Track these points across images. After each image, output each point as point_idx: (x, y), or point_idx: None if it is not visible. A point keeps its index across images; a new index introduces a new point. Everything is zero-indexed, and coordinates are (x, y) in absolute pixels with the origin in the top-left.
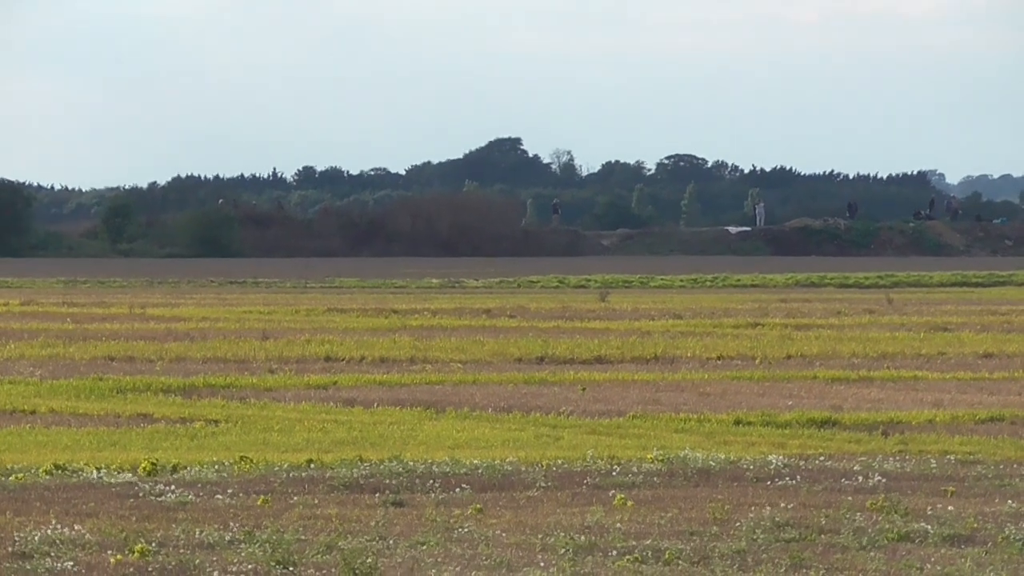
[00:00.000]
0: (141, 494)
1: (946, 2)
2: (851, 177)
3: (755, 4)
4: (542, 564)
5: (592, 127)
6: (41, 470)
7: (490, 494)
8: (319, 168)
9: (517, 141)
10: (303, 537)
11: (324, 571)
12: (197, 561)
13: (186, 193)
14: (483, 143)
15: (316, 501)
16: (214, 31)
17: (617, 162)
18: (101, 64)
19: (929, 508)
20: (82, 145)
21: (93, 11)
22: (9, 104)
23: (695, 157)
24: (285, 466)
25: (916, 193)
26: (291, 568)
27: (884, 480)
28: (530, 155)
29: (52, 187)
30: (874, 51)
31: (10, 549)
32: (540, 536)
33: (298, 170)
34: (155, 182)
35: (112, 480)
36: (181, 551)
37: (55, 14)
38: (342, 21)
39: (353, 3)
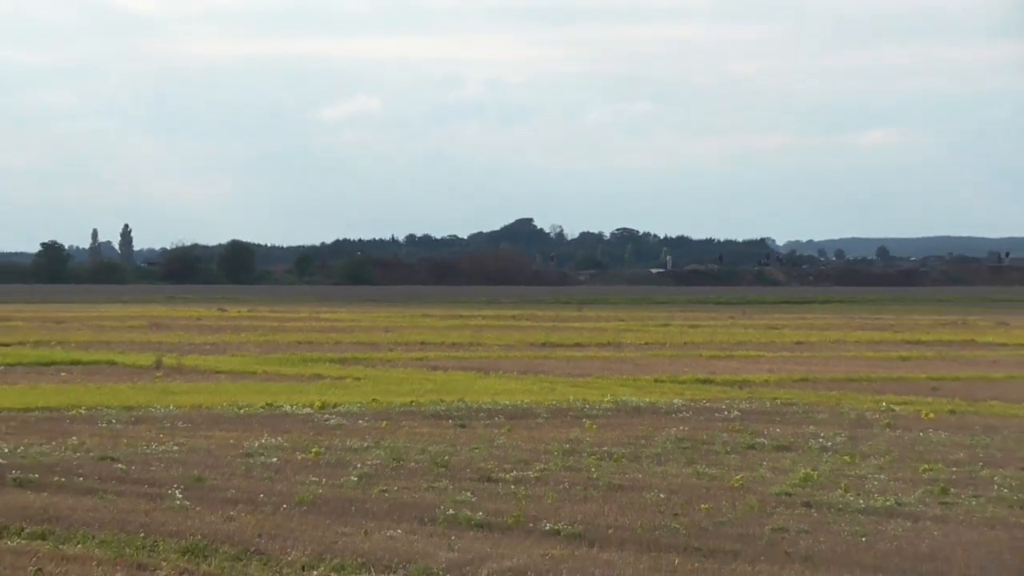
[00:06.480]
0: (316, 420)
1: (789, 139)
2: (721, 240)
3: (672, 141)
4: (545, 459)
5: (576, 211)
6: (258, 406)
7: (515, 421)
8: (418, 234)
9: (531, 220)
10: (408, 445)
11: (420, 464)
12: (348, 458)
13: (341, 248)
14: (511, 220)
15: (415, 424)
16: (356, 146)
17: (589, 232)
18: (296, 166)
19: (765, 430)
20: (282, 217)
21: (295, 125)
22: (234, 190)
23: (633, 229)
24: (398, 404)
25: (759, 250)
26: (400, 462)
27: (740, 414)
28: (538, 227)
29: (266, 244)
30: (740, 162)
31: (241, 451)
32: (543, 444)
33: (406, 235)
34: (324, 242)
35: (299, 412)
36: (338, 452)
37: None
38: (429, 146)
39: (437, 133)
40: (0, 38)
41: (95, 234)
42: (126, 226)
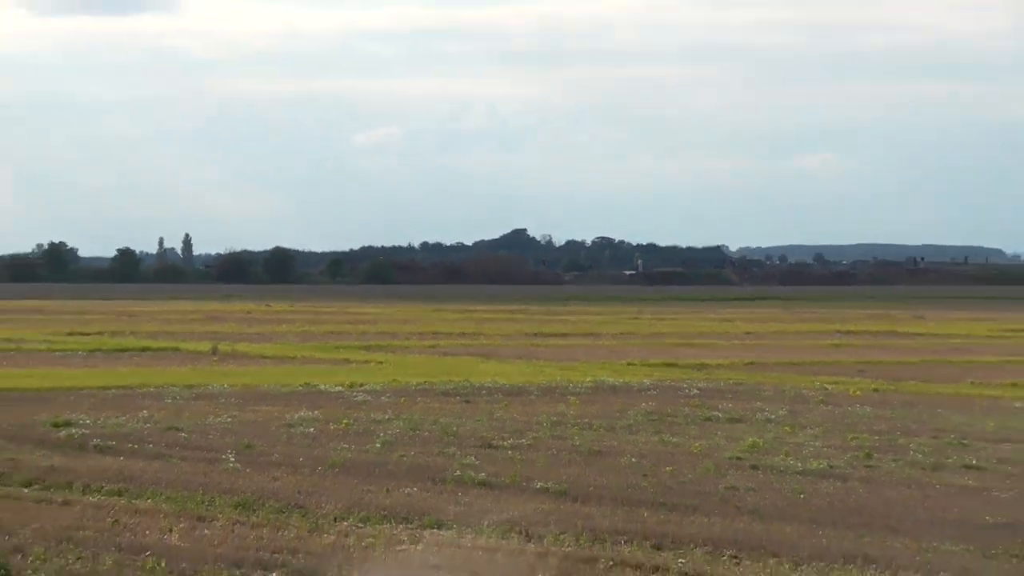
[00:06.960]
0: (346, 397)
1: (741, 161)
2: (684, 247)
3: (643, 163)
4: (536, 429)
5: (563, 222)
6: (297, 384)
7: (511, 397)
8: (430, 241)
9: (525, 230)
10: (423, 417)
11: (432, 433)
12: (372, 428)
13: (367, 253)
14: (509, 230)
15: (428, 400)
16: (380, 167)
17: (573, 240)
18: (330, 184)
19: (720, 405)
20: (318, 227)
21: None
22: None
23: (610, 237)
24: (414, 383)
25: (715, 255)
26: (416, 432)
27: (699, 392)
28: (531, 236)
29: (304, 250)
30: (699, 181)
31: (283, 422)
32: (535, 417)
33: (420, 242)
34: (352, 248)
35: (332, 390)
36: (365, 423)
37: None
38: (440, 166)
39: (448, 156)
40: (82, 76)
41: (161, 241)
42: (187, 235)
